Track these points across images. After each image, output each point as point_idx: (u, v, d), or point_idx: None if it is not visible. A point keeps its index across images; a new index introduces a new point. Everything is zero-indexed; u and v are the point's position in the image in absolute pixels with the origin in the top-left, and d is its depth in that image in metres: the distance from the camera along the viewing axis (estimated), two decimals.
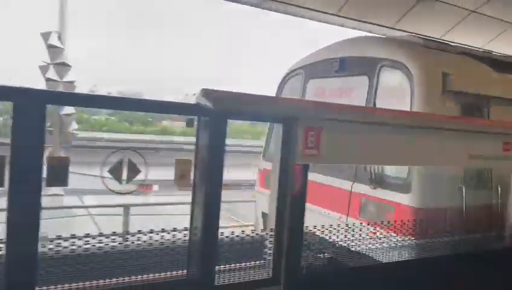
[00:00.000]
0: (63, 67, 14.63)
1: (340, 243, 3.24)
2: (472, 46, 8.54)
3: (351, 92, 5.31)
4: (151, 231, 2.66)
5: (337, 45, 5.85)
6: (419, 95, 4.54)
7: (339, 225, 3.24)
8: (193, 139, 2.62)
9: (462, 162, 3.88)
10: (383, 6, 10.36)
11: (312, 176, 3.52)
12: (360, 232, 3.34)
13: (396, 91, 4.83)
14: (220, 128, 2.56)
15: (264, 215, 5.76)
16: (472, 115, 4.80)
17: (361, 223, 3.54)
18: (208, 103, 2.40)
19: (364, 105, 5.02)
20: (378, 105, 4.84)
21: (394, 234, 3.53)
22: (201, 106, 2.43)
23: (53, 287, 2.35)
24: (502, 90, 5.08)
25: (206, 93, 2.41)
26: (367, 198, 4.80)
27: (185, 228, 2.64)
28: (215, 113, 2.47)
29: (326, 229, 3.14)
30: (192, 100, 2.55)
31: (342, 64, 5.41)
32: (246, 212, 9.56)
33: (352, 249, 3.31)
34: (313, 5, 9.89)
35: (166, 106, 2.68)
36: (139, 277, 2.58)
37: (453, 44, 6.73)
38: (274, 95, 6.25)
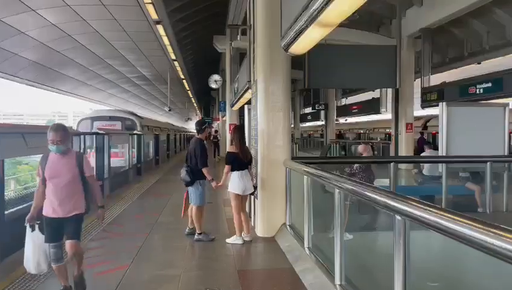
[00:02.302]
0: None
1: None
2: None
3: (114, 126, 15.35)
4: None
5: (107, 110, 18.42)
6: (138, 128, 16.23)
7: None
8: None
9: None
10: None
11: None
12: None
13: (131, 128, 15.90)
14: None
15: None
16: (154, 133, 19.94)
17: None
18: None
19: (121, 130, 15.66)
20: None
21: None
22: None
23: None
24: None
25: None
26: None
27: None
28: None
29: None
30: None
31: (111, 118, 15.86)
32: None
33: None
34: None
35: None
36: None
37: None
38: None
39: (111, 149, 12.14)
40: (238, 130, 6.60)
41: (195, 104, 48.37)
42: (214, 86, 19.46)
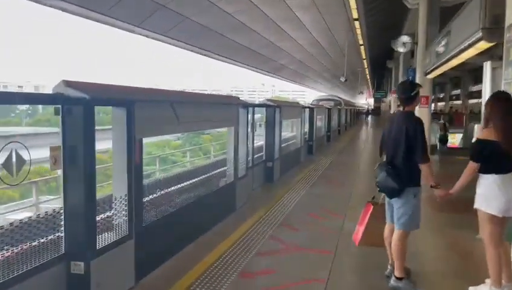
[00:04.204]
0: None
1: None
2: None
3: (330, 104, 26.87)
4: None
5: (326, 95, 41.26)
6: (343, 105, 32.76)
7: None
8: None
9: None
10: None
11: None
12: None
13: (339, 104, 30.65)
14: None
15: None
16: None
17: None
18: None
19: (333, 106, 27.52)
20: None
21: None
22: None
23: None
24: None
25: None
26: None
27: None
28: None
29: None
30: None
31: (328, 99, 32.49)
32: None
33: None
34: None
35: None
36: None
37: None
38: None
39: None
40: (502, 102, 3.67)
41: (368, 76, 44.67)
42: (401, 49, 16.16)
